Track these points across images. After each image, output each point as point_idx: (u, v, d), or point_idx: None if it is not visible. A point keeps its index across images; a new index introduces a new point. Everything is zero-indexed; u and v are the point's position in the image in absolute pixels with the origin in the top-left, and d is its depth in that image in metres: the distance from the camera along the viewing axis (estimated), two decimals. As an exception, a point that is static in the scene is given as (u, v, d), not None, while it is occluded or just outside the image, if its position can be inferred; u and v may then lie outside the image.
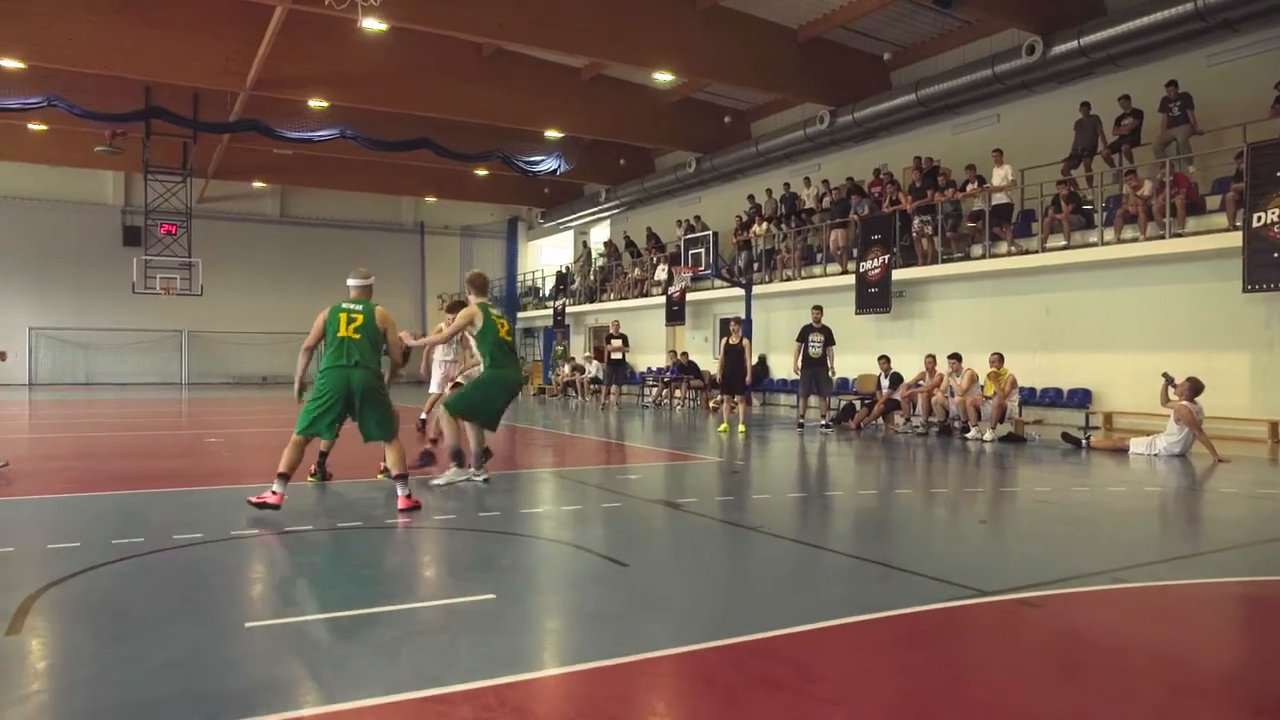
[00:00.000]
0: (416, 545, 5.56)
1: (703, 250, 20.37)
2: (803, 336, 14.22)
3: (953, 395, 13.31)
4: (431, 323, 37.62)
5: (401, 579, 4.65)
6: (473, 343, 8.47)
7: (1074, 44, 15.02)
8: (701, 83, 23.35)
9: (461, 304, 9.54)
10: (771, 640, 3.61)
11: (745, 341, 14.01)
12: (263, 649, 3.48)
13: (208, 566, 4.94)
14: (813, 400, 14.88)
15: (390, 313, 6.88)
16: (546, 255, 38.58)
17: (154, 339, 33.16)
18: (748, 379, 13.89)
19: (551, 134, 25.71)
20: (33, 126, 24.96)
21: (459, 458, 7.63)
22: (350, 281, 6.83)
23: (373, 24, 18.32)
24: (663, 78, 22.62)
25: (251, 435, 13.48)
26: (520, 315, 33.71)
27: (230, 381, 33.82)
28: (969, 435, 12.81)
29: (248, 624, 3.75)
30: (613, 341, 19.63)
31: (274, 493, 6.32)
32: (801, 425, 14.33)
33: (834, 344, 14.06)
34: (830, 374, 14.21)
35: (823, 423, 14.25)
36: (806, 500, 7.35)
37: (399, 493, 6.49)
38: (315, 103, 22.72)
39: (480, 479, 7.78)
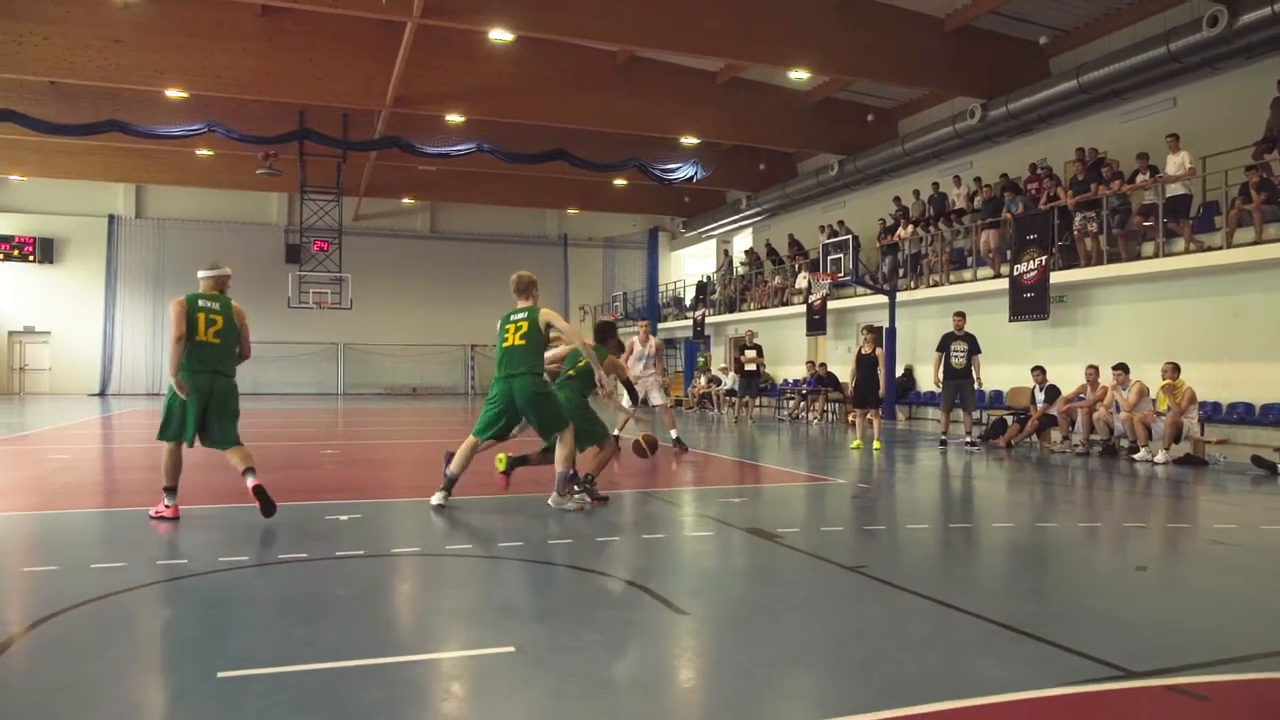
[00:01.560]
0: (457, 578, 4.99)
1: (842, 255, 19.28)
2: (944, 346, 13.02)
3: (1118, 411, 11.80)
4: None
5: (421, 621, 4.09)
6: None
7: (1267, 10, 13.14)
8: (843, 81, 22.28)
9: (610, 325, 9.41)
10: (832, 730, 2.83)
11: (878, 350, 12.97)
12: (217, 711, 2.98)
13: (228, 595, 4.56)
14: (958, 415, 13.66)
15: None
16: (690, 265, 38.11)
17: (313, 351, 34.72)
18: (881, 391, 12.84)
19: (687, 140, 25.18)
20: (200, 152, 26.54)
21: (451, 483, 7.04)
22: (200, 274, 6.58)
23: (500, 34, 18.33)
24: (801, 77, 21.69)
25: (370, 448, 13.49)
26: (661, 326, 33.26)
27: (383, 392, 34.98)
28: (1137, 457, 11.29)
29: (221, 674, 3.27)
30: (746, 352, 18.81)
31: (166, 506, 6.38)
32: (944, 443, 13.10)
33: (979, 353, 12.78)
34: (975, 386, 12.92)
35: (968, 440, 12.98)
36: (928, 534, 6.38)
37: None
38: (452, 117, 23.07)
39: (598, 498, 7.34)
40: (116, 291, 33.02)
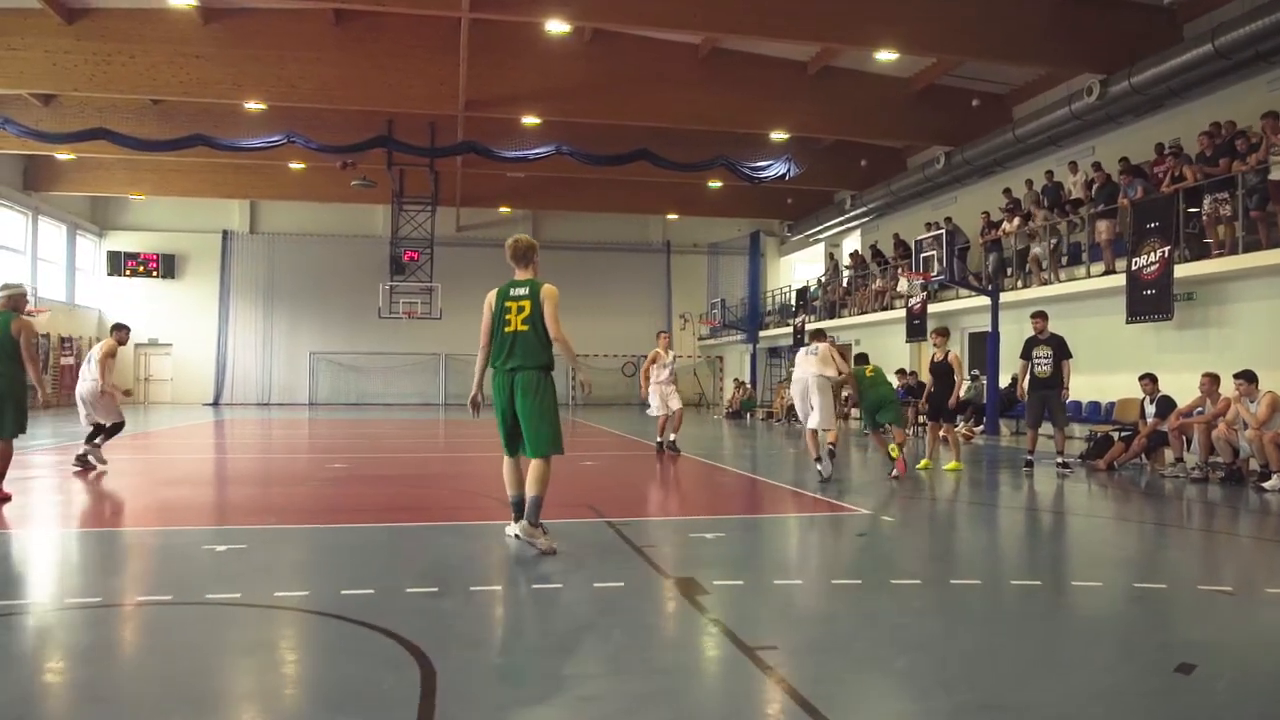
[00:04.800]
0: (203, 644, 3.84)
1: (934, 253, 17.38)
2: (1027, 352, 11.13)
3: (1244, 428, 9.67)
4: (678, 343, 36.62)
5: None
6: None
7: None
8: (947, 65, 20.35)
9: (821, 332, 10.72)
10: None
11: (952, 354, 11.27)
12: None
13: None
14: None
15: (31, 322, 7.49)
16: (800, 270, 36.35)
17: (416, 362, 34.83)
18: (952, 401, 11.15)
19: (778, 136, 23.64)
20: (292, 165, 26.86)
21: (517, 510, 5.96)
22: None
23: (557, 26, 17.43)
24: (891, 59, 19.82)
25: (396, 461, 12.69)
26: (763, 334, 31.70)
27: (483, 402, 34.60)
28: (1267, 485, 9.15)
29: None
30: (826, 360, 17.11)
31: None
32: (1030, 464, 11.16)
33: (1069, 357, 10.81)
34: (1064, 396, 10.93)
35: (1060, 460, 11.02)
36: (910, 595, 4.83)
37: None
38: (528, 120, 22.38)
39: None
40: (229, 305, 34.04)
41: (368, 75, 20.49)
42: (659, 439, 13.12)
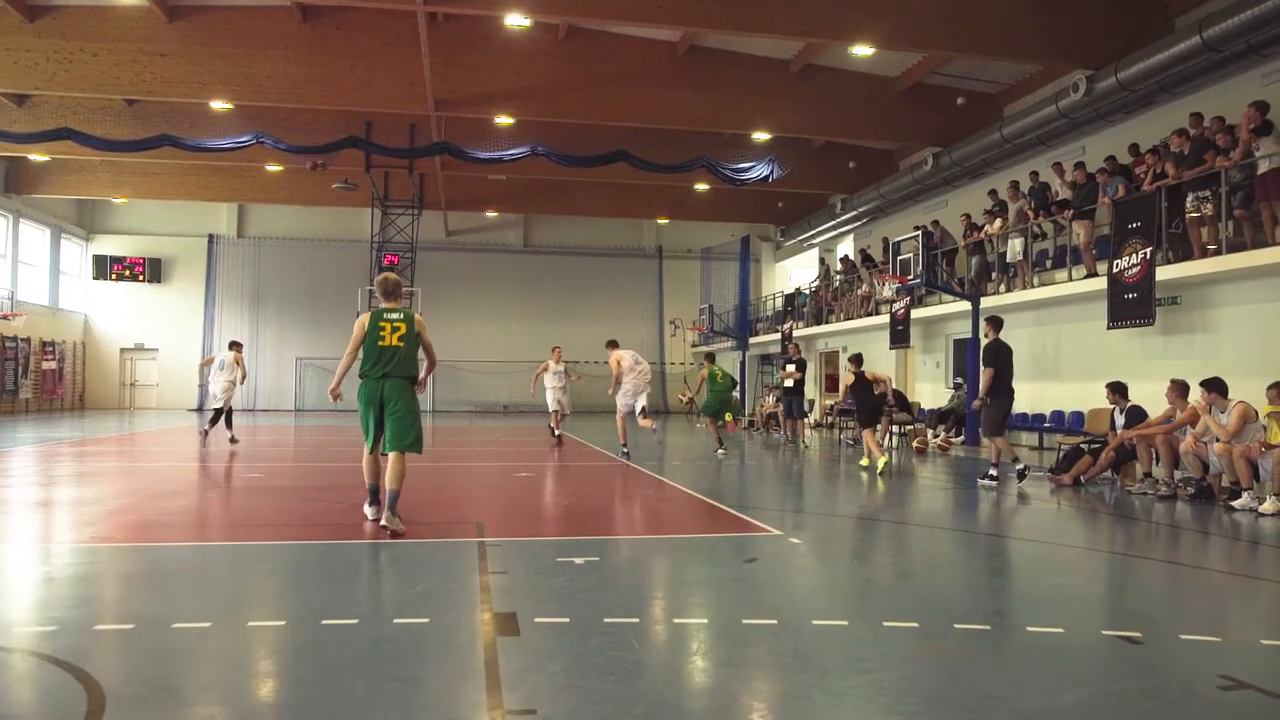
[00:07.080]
0: None
1: (910, 255, 16.65)
2: (1001, 360, 10.48)
3: (1214, 441, 8.88)
4: (669, 350, 35.98)
5: None
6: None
7: None
8: (935, 61, 19.68)
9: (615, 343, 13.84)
10: None
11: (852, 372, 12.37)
12: None
13: None
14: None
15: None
16: (797, 276, 35.60)
17: (403, 368, 34.22)
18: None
19: (760, 136, 22.96)
20: (270, 168, 26.38)
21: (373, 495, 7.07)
22: None
23: (516, 20, 16.84)
24: (883, 58, 19.15)
25: (324, 471, 12.08)
26: (753, 340, 31.00)
27: (473, 409, 34.12)
28: (1237, 504, 8.38)
29: None
30: (788, 367, 16.41)
31: None
32: (993, 476, 10.41)
33: (990, 366, 10.13)
34: (981, 404, 10.27)
35: (1020, 470, 10.29)
36: (761, 637, 4.15)
37: None
38: (502, 120, 21.82)
39: None
40: (215, 310, 33.62)
41: (337, 74, 19.99)
42: (553, 427, 16.30)
